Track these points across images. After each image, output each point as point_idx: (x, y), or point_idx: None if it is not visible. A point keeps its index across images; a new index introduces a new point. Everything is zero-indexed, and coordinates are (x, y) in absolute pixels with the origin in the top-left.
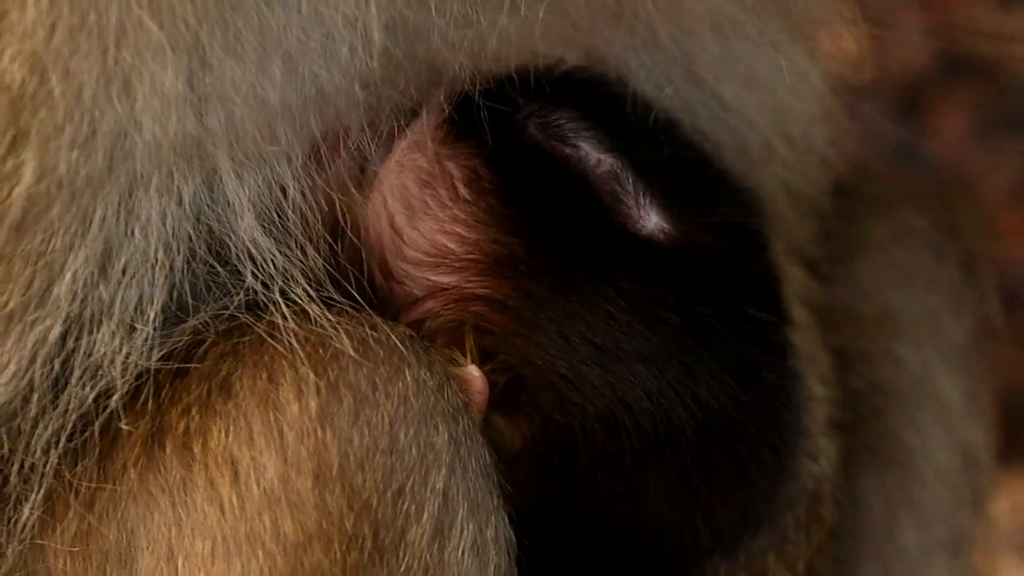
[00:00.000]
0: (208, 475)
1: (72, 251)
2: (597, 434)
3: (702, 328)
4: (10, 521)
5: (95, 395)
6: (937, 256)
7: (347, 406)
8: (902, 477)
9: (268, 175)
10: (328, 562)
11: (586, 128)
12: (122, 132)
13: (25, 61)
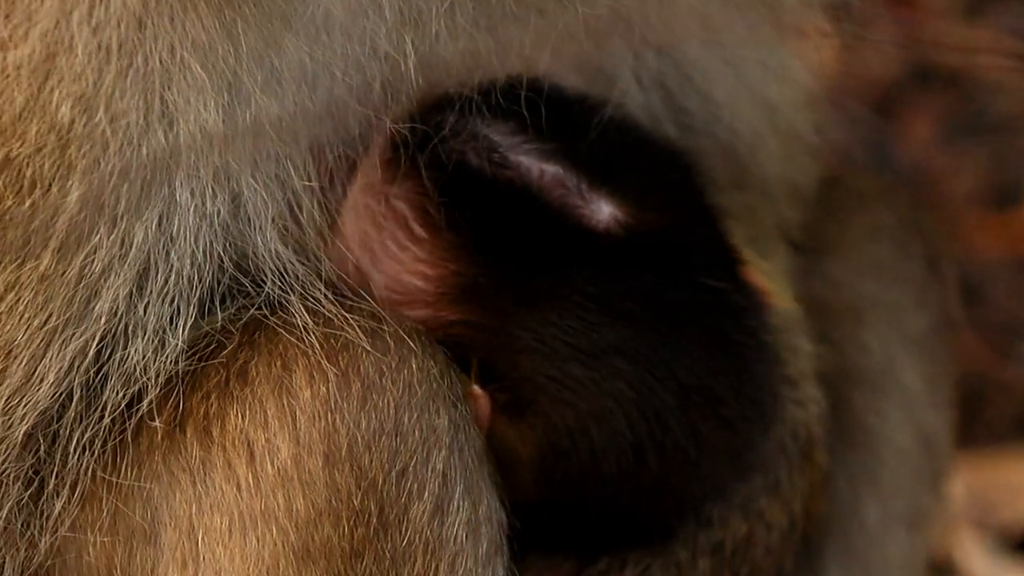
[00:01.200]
0: (226, 456)
1: (112, 272)
2: (592, 429)
3: (667, 310)
4: (43, 515)
5: (128, 400)
6: (903, 252)
7: (356, 392)
8: (865, 457)
9: (288, 194)
10: (337, 536)
11: (524, 140)
12: (161, 163)
13: (76, 103)
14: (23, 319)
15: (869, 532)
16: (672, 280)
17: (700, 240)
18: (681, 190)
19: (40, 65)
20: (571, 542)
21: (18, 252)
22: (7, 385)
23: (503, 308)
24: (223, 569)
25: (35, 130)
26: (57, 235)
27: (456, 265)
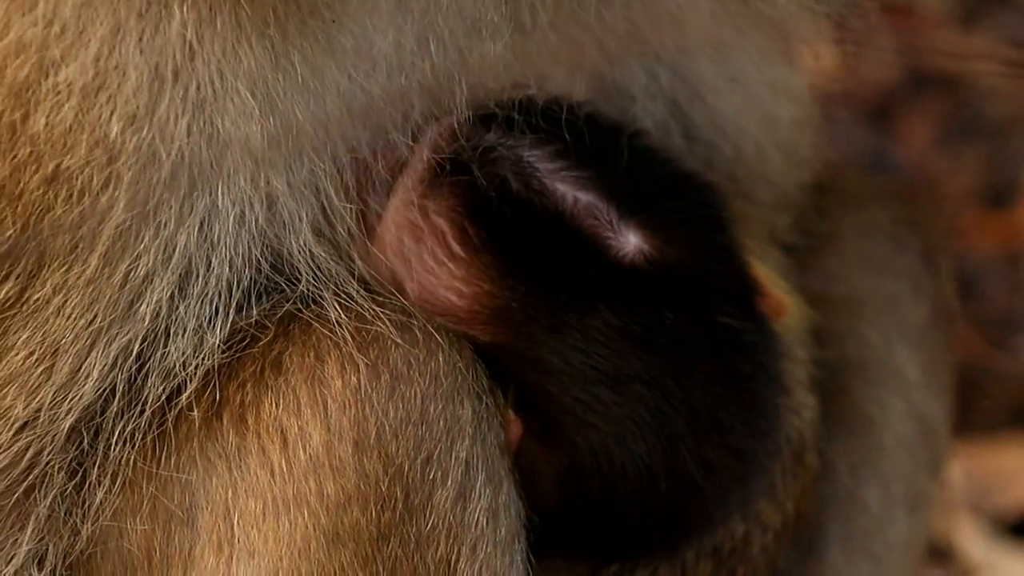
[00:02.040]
0: (260, 443)
1: (155, 276)
2: (613, 452)
3: (683, 344)
4: (86, 504)
5: (167, 394)
6: (898, 246)
7: (385, 382)
8: (865, 444)
9: (323, 199)
10: (365, 520)
11: (563, 167)
12: (204, 174)
13: (126, 122)
14: (70, 320)
15: (871, 516)
16: (689, 316)
17: (719, 277)
18: (707, 227)
19: (91, 84)
20: (587, 547)
21: (66, 257)
22: (53, 382)
23: (533, 332)
24: (257, 551)
25: (85, 145)
26: (104, 241)
27: (490, 287)
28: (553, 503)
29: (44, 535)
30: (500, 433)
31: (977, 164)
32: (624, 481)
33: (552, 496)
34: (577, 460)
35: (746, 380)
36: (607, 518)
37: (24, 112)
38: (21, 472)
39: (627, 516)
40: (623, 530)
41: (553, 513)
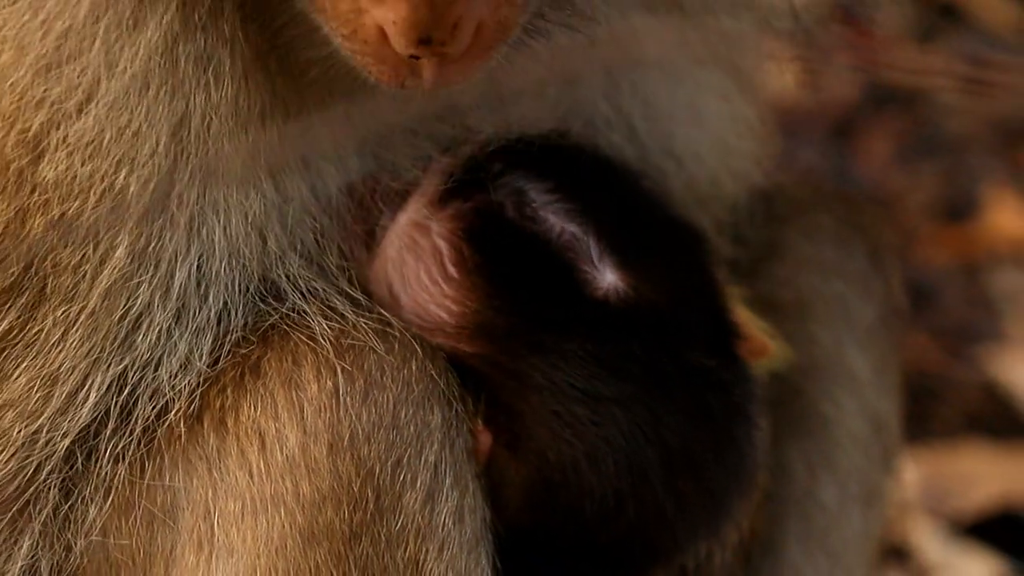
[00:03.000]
0: (239, 445)
1: (153, 310)
2: (583, 469)
3: (658, 378)
4: (78, 520)
5: (156, 412)
6: (844, 248)
7: (358, 387)
8: (820, 443)
9: (315, 227)
10: (338, 520)
11: (556, 200)
12: (203, 219)
13: (145, 184)
14: (69, 351)
15: (827, 512)
16: (659, 352)
17: (693, 319)
18: (685, 271)
19: (102, 139)
20: (555, 571)
21: (67, 294)
22: (51, 407)
23: (515, 349)
24: (235, 549)
25: (92, 194)
26: (105, 279)
27: (477, 306)
28: (520, 516)
29: (37, 550)
30: (468, 439)
31: (935, 179)
32: (591, 501)
33: (519, 508)
34: (547, 473)
35: (721, 419)
36: (572, 539)
37: (33, 159)
38: (17, 490)
39: (591, 538)
40: (588, 554)
41: (521, 532)
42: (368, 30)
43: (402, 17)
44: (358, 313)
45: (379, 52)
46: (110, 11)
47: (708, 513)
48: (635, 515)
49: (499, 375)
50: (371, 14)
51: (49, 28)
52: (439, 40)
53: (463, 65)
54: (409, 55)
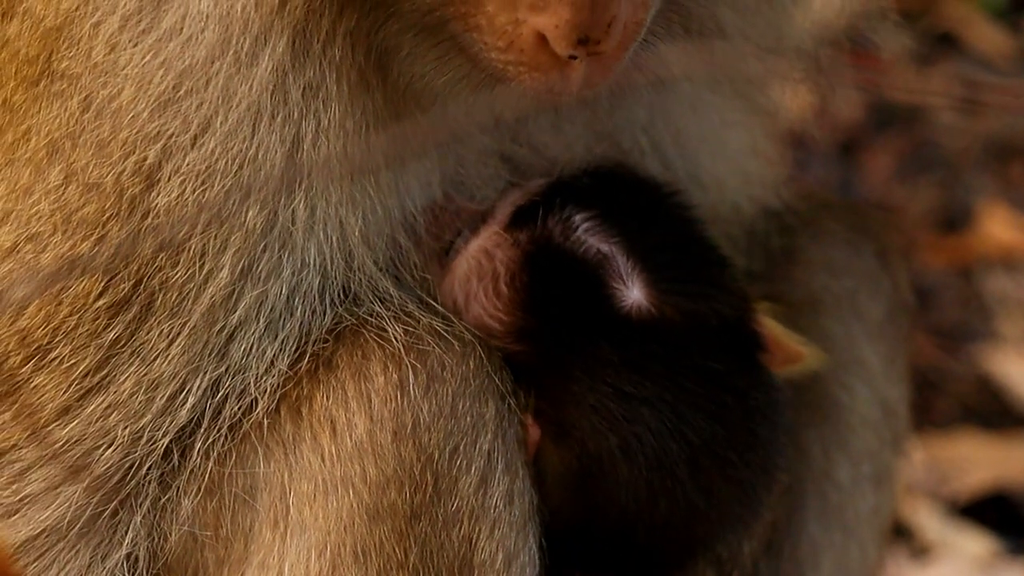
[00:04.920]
0: (312, 431)
1: (248, 323)
2: (618, 460)
3: (679, 381)
4: (173, 511)
5: (243, 410)
6: (854, 250)
7: (421, 380)
8: (835, 427)
9: (395, 245)
10: (400, 500)
11: (597, 226)
12: (298, 241)
13: (252, 209)
14: (171, 360)
15: (842, 490)
16: (679, 360)
17: (711, 330)
18: (708, 287)
19: (213, 170)
20: (601, 565)
21: (172, 309)
22: (154, 410)
23: (556, 351)
24: (307, 526)
25: (201, 220)
26: (207, 298)
27: (522, 320)
28: (564, 505)
29: (138, 539)
30: (519, 430)
31: (933, 191)
32: (627, 491)
33: (564, 496)
34: (587, 463)
35: (741, 420)
36: (612, 530)
37: (147, 188)
38: (121, 484)
39: (630, 530)
40: (628, 545)
41: (566, 523)
42: (526, 39)
43: (565, 20)
44: (424, 316)
45: (535, 58)
46: (227, 52)
47: (738, 507)
48: (667, 508)
49: (545, 372)
50: (530, 23)
51: (169, 68)
52: (596, 39)
53: (608, 64)
54: (568, 55)
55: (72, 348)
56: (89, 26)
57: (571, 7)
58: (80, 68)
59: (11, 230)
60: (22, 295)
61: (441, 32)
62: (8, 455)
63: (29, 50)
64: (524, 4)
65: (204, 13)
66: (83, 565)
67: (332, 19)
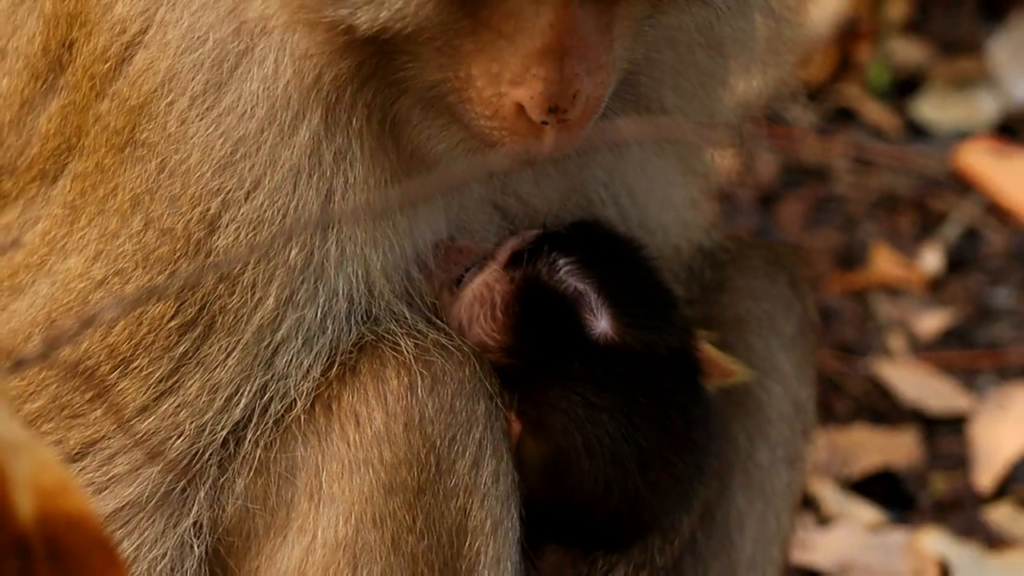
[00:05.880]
0: (340, 423)
1: (290, 340)
2: (582, 455)
3: (636, 395)
4: (230, 489)
5: (285, 408)
6: (770, 279)
7: (427, 382)
8: (756, 419)
9: (409, 277)
10: (410, 478)
11: (575, 268)
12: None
13: (294, 250)
14: (228, 369)
15: (762, 470)
16: (635, 379)
17: (662, 355)
18: (661, 319)
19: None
20: (570, 537)
21: (229, 329)
22: (215, 408)
23: (539, 366)
24: (336, 499)
25: (254, 259)
26: (257, 321)
27: (511, 341)
28: (539, 487)
29: (202, 510)
30: (504, 424)
31: (834, 235)
32: (588, 481)
33: (539, 480)
34: (557, 455)
35: (681, 428)
36: (578, 512)
37: (209, 233)
38: (189, 467)
39: (592, 512)
40: (591, 525)
41: (542, 504)
42: (508, 108)
43: (539, 92)
44: (430, 332)
45: (514, 124)
46: (273, 124)
47: (677, 496)
48: (620, 496)
49: (527, 380)
50: (510, 95)
51: (227, 137)
52: (563, 108)
53: (574, 130)
54: (541, 121)
55: (149, 359)
56: (164, 104)
57: (543, 82)
58: (157, 138)
59: (102, 266)
60: (110, 317)
61: (441, 104)
62: (99, 444)
63: (117, 123)
64: (506, 80)
65: (255, 93)
66: (159, 531)
67: (353, 94)
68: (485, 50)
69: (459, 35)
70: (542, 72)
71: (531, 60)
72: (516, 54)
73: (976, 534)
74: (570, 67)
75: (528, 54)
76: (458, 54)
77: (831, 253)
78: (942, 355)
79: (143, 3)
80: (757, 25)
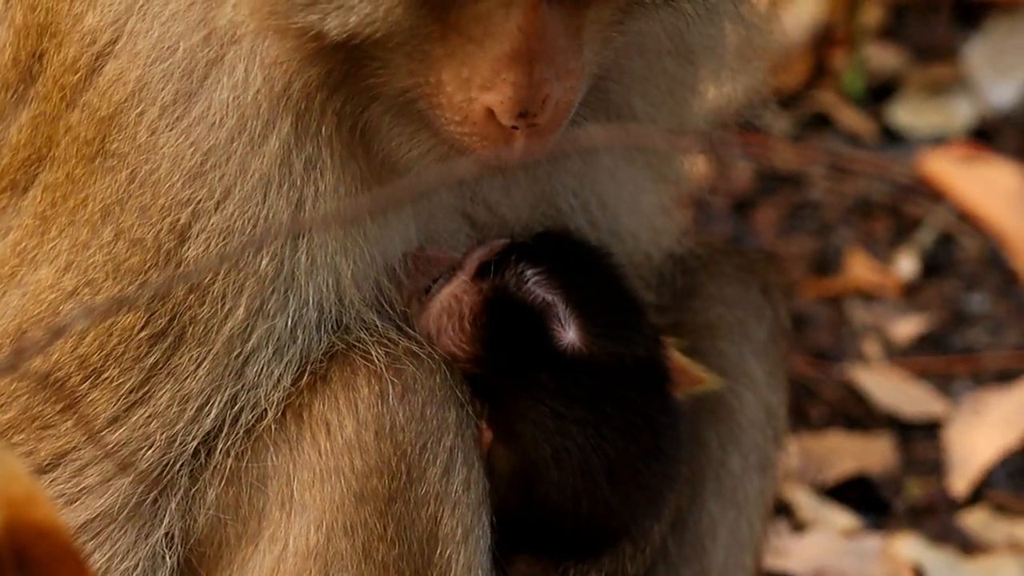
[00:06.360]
0: (311, 431)
1: (261, 350)
2: (551, 466)
3: (604, 406)
4: (201, 499)
5: (256, 418)
6: (742, 286)
7: (398, 391)
8: (728, 425)
9: (378, 287)
10: (381, 486)
11: (543, 279)
12: (300, 286)
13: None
14: (199, 379)
15: (734, 476)
16: (602, 389)
17: (629, 364)
18: (629, 329)
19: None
20: (544, 548)
21: (200, 339)
22: (185, 419)
23: (508, 377)
24: (308, 507)
25: (223, 269)
26: (227, 331)
27: (480, 351)
28: (509, 496)
29: (174, 521)
30: (475, 431)
31: (809, 242)
32: (557, 492)
33: (509, 490)
34: (527, 466)
35: (648, 437)
36: (548, 520)
37: (179, 243)
38: (160, 478)
39: (561, 521)
40: (561, 534)
41: (513, 514)
42: (478, 113)
43: (508, 97)
44: (401, 340)
45: (484, 129)
46: (243, 133)
47: (646, 505)
48: (589, 506)
49: (497, 391)
50: (480, 100)
51: (197, 147)
52: (533, 113)
53: (544, 135)
54: (511, 126)
55: (120, 369)
56: (135, 115)
57: (513, 87)
58: (127, 148)
59: (72, 277)
60: (80, 327)
61: (411, 110)
62: (70, 455)
63: (87, 134)
64: (476, 85)
65: (224, 103)
66: (130, 542)
67: (323, 102)
68: (455, 55)
69: (428, 40)
70: (511, 76)
71: (501, 64)
72: (485, 59)
73: (951, 539)
74: (539, 71)
75: (497, 58)
76: (428, 60)
77: (806, 259)
78: (917, 361)
79: (113, 14)
80: (727, 32)
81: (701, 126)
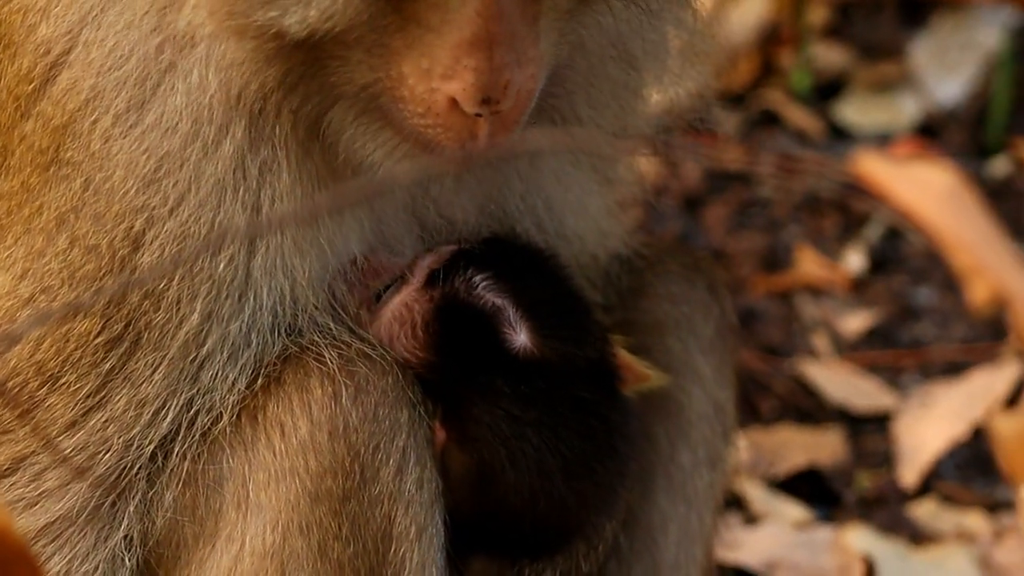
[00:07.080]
0: (266, 432)
1: (215, 354)
2: (507, 468)
3: (558, 407)
4: (159, 502)
5: (211, 421)
6: (688, 283)
7: (350, 392)
8: (678, 422)
9: (332, 291)
10: (335, 486)
11: (492, 284)
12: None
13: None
14: (155, 384)
15: (684, 471)
16: (556, 390)
17: (580, 365)
18: (578, 329)
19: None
20: (499, 549)
21: (155, 344)
22: (142, 423)
23: (460, 379)
24: (263, 507)
25: (177, 275)
26: (182, 336)
27: (432, 357)
28: (464, 497)
29: (132, 524)
30: (428, 432)
31: (759, 239)
32: (514, 493)
33: (463, 490)
34: (483, 467)
35: (602, 436)
36: (504, 521)
37: (133, 249)
38: (117, 482)
39: (518, 521)
40: (517, 534)
41: (468, 514)
42: (440, 103)
43: (470, 84)
44: (354, 342)
45: (448, 120)
46: (196, 139)
47: (601, 504)
48: (545, 506)
49: (451, 395)
50: (443, 90)
51: (151, 154)
52: (496, 99)
53: (507, 123)
54: (475, 113)
55: (77, 375)
56: (88, 123)
57: (474, 72)
58: (81, 156)
59: (28, 284)
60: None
61: (373, 107)
62: (28, 460)
63: (41, 143)
64: (437, 75)
65: (178, 109)
66: (90, 545)
67: (278, 102)
68: (414, 46)
69: (387, 33)
70: (472, 63)
71: (460, 51)
72: (445, 47)
73: (901, 530)
74: (500, 56)
75: (457, 45)
76: (388, 53)
77: (756, 256)
78: (866, 354)
79: (67, 24)
80: (670, 38)
81: (646, 129)
